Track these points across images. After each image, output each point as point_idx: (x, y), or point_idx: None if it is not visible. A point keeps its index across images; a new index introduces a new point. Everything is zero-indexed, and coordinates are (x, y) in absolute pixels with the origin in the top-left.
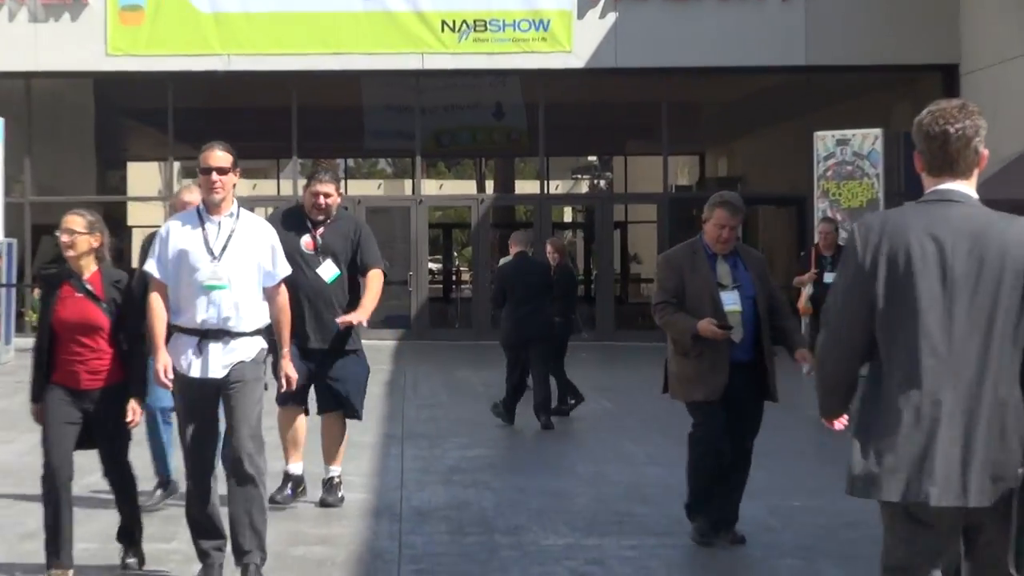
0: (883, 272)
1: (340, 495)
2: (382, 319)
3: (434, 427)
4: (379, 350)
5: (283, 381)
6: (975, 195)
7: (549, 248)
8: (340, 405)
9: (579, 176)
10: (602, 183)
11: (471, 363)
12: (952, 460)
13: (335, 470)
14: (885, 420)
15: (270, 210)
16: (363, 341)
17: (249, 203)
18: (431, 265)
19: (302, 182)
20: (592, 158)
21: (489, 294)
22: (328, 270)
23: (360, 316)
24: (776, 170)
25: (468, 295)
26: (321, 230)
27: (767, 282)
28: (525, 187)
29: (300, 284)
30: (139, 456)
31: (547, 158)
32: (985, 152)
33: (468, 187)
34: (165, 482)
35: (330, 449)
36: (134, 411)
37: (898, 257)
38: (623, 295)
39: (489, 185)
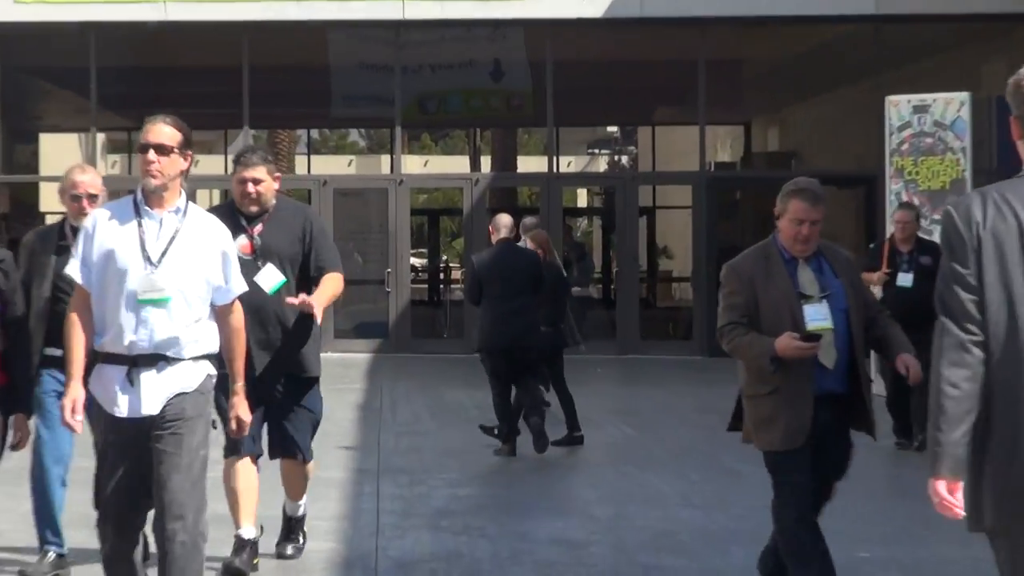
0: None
1: (301, 542)
2: (353, 327)
3: (417, 459)
4: (349, 365)
5: (232, 425)
6: None
7: (530, 244)
8: (287, 451)
9: (596, 151)
10: (624, 160)
11: (463, 381)
12: None
13: (297, 506)
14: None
15: (216, 195)
16: (328, 353)
17: (189, 185)
18: (414, 260)
19: None
20: (612, 129)
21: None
22: (269, 278)
23: (316, 301)
24: (838, 144)
25: (459, 298)
26: (259, 227)
27: (861, 289)
28: (530, 164)
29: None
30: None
31: (557, 129)
32: None
33: (459, 164)
34: (56, 551)
35: (291, 486)
36: (19, 430)
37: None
38: (650, 297)
39: (485, 162)
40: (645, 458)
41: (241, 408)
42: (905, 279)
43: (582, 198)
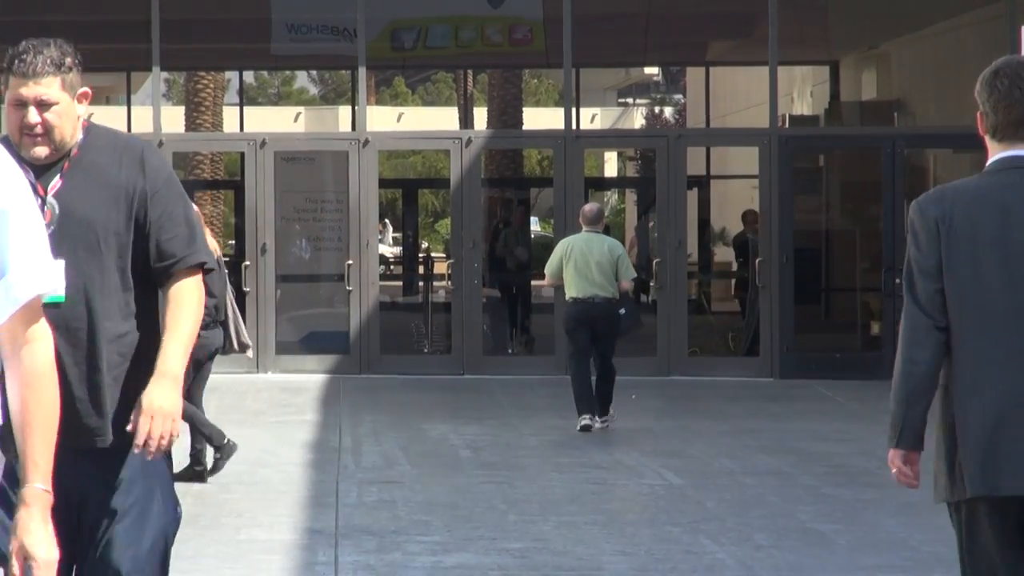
0: None
1: None
2: (301, 338)
3: (389, 517)
4: (296, 390)
5: (15, 569)
6: None
7: None
8: None
9: (630, 101)
10: (668, 113)
11: (449, 411)
12: None
13: None
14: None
15: None
16: (268, 374)
17: None
18: (383, 249)
19: (168, 109)
20: (651, 71)
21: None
22: (63, 273)
23: (163, 403)
24: (959, 91)
25: (445, 299)
26: (56, 182)
27: None
28: (540, 119)
29: None
30: None
31: (576, 71)
32: None
33: (445, 119)
34: None
35: None
36: None
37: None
38: (701, 299)
39: (480, 116)
40: (695, 515)
41: (34, 533)
42: None
43: (610, 164)
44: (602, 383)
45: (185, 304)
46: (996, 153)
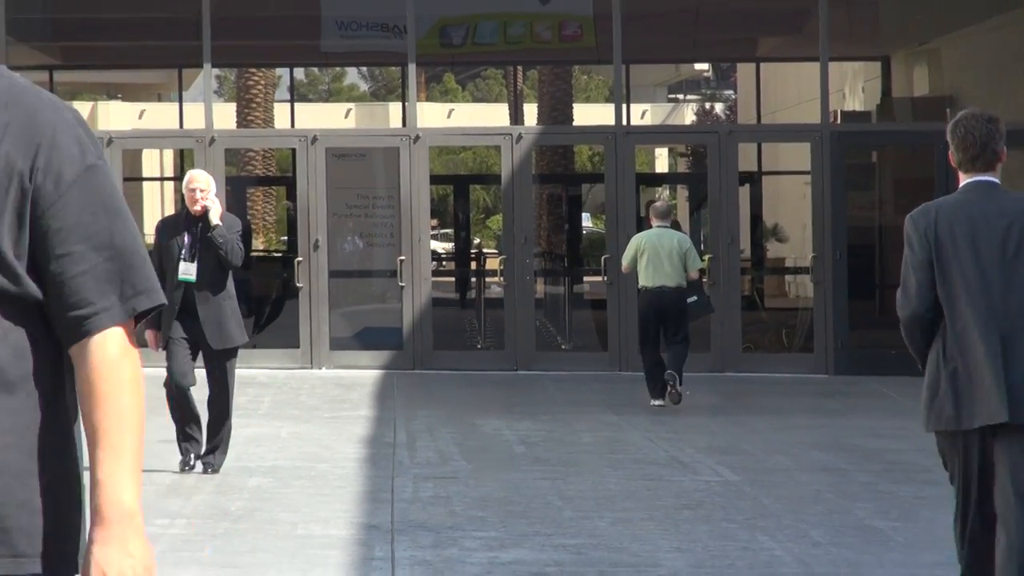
0: None
1: None
2: (355, 334)
3: (445, 512)
4: (351, 385)
5: None
6: None
7: None
8: None
9: (679, 97)
10: (719, 109)
11: (502, 406)
12: None
13: None
14: None
15: (168, 156)
16: (323, 370)
17: (135, 142)
18: (436, 245)
19: (220, 106)
20: (701, 67)
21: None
22: None
23: (124, 566)
24: (1010, 87)
25: (498, 295)
26: None
27: None
28: (590, 115)
29: None
30: None
31: (627, 67)
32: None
33: (495, 115)
34: None
35: None
36: None
37: None
38: (755, 295)
39: (529, 112)
40: (751, 511)
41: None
42: None
43: (661, 160)
44: (675, 353)
45: (118, 394)
46: (964, 179)
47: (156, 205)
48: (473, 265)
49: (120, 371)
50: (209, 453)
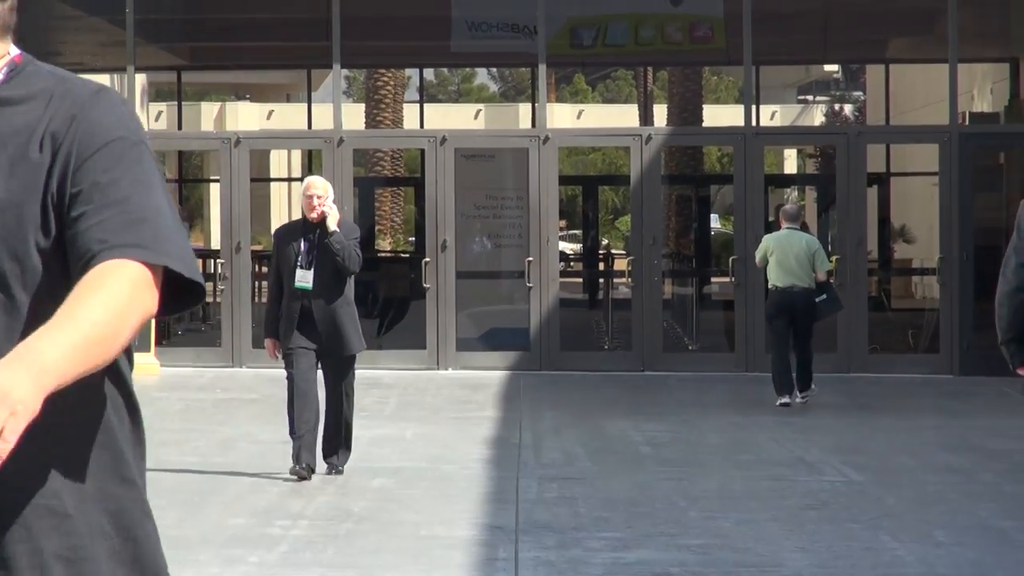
0: None
1: None
2: (482, 335)
3: (569, 513)
4: (477, 386)
5: None
6: None
7: None
8: None
9: (809, 99)
10: (848, 110)
11: (628, 407)
12: None
13: None
14: None
15: (296, 156)
16: (449, 371)
17: (264, 143)
18: (564, 246)
19: (349, 106)
20: (831, 69)
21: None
22: None
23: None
24: None
25: (626, 295)
26: None
27: None
28: (719, 116)
29: None
30: None
31: (756, 69)
32: None
33: (625, 116)
34: None
35: None
36: None
37: None
38: (882, 296)
39: (659, 113)
40: (875, 512)
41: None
42: None
43: (790, 161)
44: (801, 364)
45: (103, 284)
46: None
47: (284, 206)
48: (601, 266)
49: (122, 272)
50: (332, 454)
